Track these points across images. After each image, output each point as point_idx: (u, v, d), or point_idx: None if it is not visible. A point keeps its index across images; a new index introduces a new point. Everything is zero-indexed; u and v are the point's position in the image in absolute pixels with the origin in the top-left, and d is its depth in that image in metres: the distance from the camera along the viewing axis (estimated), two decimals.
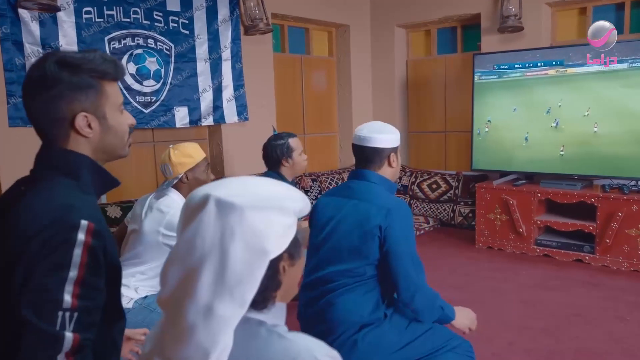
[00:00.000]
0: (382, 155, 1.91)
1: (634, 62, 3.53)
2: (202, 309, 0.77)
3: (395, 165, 1.96)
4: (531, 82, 3.99)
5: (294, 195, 0.87)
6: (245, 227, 0.79)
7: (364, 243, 1.83)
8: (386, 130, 1.95)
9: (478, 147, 4.27)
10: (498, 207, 4.02)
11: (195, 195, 0.84)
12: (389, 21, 5.26)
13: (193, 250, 0.80)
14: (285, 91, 4.93)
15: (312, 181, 4.72)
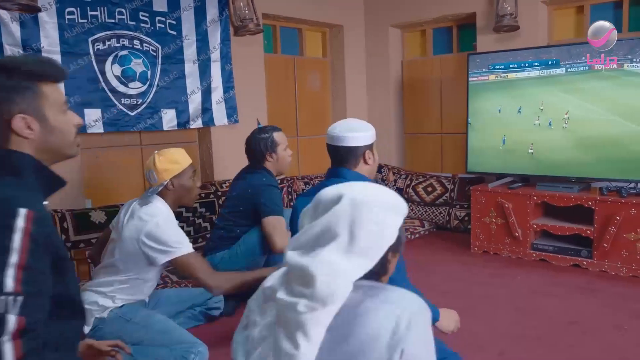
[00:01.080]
0: (357, 153, 1.86)
1: (632, 60, 3.43)
2: (326, 265, 0.97)
3: (372, 162, 1.91)
4: (526, 82, 3.89)
5: (403, 201, 1.10)
6: (372, 219, 1.00)
7: None
8: (360, 127, 1.88)
9: (473, 149, 4.17)
10: (493, 210, 3.92)
11: (329, 194, 1.05)
12: (383, 21, 5.17)
13: (327, 232, 1.00)
14: (278, 93, 4.84)
15: (304, 184, 4.63)
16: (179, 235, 2.19)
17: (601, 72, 3.60)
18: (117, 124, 3.58)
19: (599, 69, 3.61)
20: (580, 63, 3.64)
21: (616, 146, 3.53)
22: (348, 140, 1.84)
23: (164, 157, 2.32)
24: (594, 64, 3.58)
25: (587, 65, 3.64)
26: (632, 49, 3.52)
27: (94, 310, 2.17)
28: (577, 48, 3.66)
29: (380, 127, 5.33)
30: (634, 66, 3.47)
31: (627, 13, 4.05)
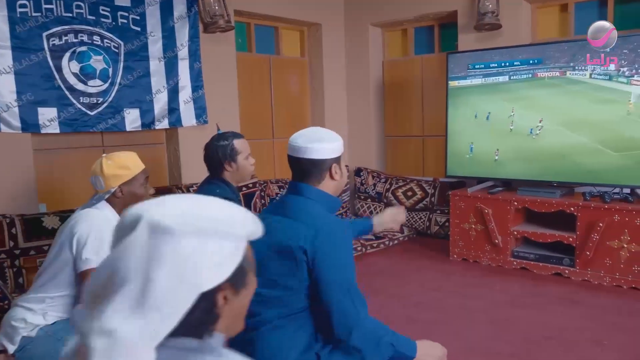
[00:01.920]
0: (322, 167, 1.62)
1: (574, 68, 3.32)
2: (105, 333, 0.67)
3: (339, 177, 1.66)
4: (507, 82, 3.73)
5: (241, 217, 0.78)
6: (178, 255, 0.70)
7: (289, 270, 1.56)
8: (326, 138, 1.64)
9: (453, 152, 4.00)
10: (473, 216, 3.75)
11: (128, 215, 0.75)
12: (363, 20, 5.00)
13: (114, 276, 0.70)
14: (253, 93, 4.66)
15: (279, 188, 4.44)
16: (101, 248, 1.97)
17: (544, 80, 3.50)
18: (74, 124, 3.38)
19: (542, 77, 3.53)
20: (564, 61, 3.48)
21: (601, 151, 3.38)
22: (312, 152, 1.60)
23: (112, 161, 2.11)
24: (565, 69, 3.43)
25: (530, 72, 3.62)
26: (575, 55, 3.41)
27: (21, 329, 1.97)
28: (560, 46, 3.50)
29: (360, 129, 5.16)
30: (576, 74, 3.38)
31: (612, 11, 3.90)
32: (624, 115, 3.27)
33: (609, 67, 3.27)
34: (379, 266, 3.78)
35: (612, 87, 3.27)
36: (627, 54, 3.23)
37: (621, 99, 3.27)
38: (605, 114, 3.38)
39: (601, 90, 3.35)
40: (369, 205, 4.91)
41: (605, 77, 3.29)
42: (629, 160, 3.24)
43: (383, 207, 4.80)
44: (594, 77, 3.33)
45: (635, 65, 3.19)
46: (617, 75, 3.26)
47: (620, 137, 3.27)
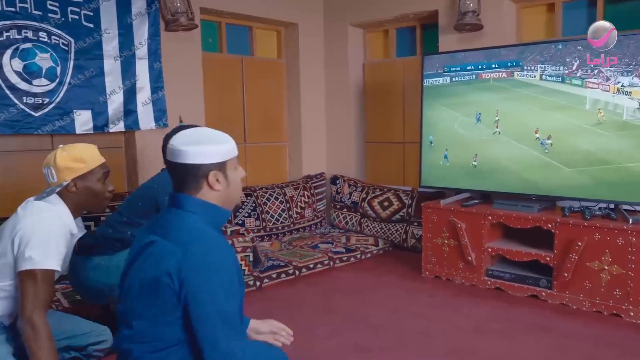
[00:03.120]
0: (197, 174, 1.39)
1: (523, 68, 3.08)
2: None
3: (221, 187, 1.43)
4: (484, 86, 3.46)
5: None
6: None
7: (156, 297, 1.32)
8: (204, 140, 1.42)
9: (428, 160, 3.73)
10: (446, 230, 3.47)
11: None
12: (342, 20, 4.76)
13: None
14: (223, 96, 4.44)
15: (245, 196, 4.20)
16: (48, 247, 1.76)
17: (489, 83, 3.25)
18: (16, 126, 3.18)
19: (487, 79, 3.28)
20: (546, 62, 3.20)
21: (583, 162, 3.09)
22: (186, 156, 1.38)
23: (67, 153, 1.90)
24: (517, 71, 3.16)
25: (473, 74, 3.42)
26: (521, 54, 3.17)
27: None
28: (541, 47, 3.22)
29: (339, 135, 4.91)
30: (524, 75, 3.14)
31: (601, 11, 3.61)
32: (588, 125, 3.03)
33: (573, 70, 3.01)
34: (342, 282, 3.52)
35: (566, 91, 3.05)
36: (581, 51, 3.00)
37: (575, 104, 3.09)
38: (558, 121, 3.16)
39: (554, 95, 3.14)
40: (345, 215, 4.65)
41: (557, 79, 3.07)
42: (603, 174, 2.98)
43: (359, 217, 4.54)
44: (544, 79, 3.11)
45: (591, 65, 2.98)
46: (571, 77, 3.05)
47: (581, 150, 3.01)
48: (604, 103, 2.97)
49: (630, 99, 2.89)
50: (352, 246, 4.11)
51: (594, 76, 3.00)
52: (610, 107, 2.97)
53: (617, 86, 2.92)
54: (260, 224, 4.23)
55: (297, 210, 4.49)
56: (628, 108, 2.92)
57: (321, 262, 3.77)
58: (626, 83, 2.89)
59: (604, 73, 2.95)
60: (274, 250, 3.99)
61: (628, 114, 2.91)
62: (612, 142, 2.97)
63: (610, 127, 2.98)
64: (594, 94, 3.01)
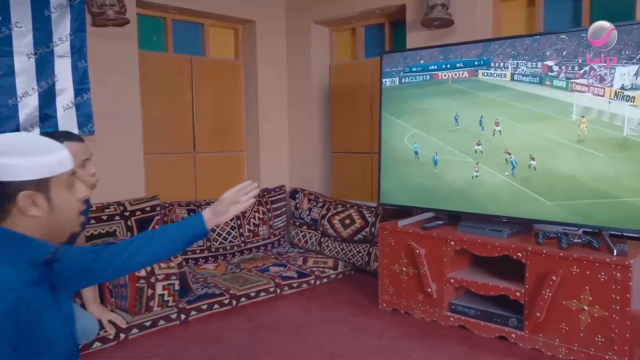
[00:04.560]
0: (3, 195, 1.04)
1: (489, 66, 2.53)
2: None
3: (41, 212, 1.07)
4: (440, 90, 2.98)
5: None
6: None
7: None
8: (14, 149, 1.05)
9: (388, 173, 3.26)
10: (404, 256, 2.99)
11: None
12: (305, 17, 4.31)
13: None
14: (169, 100, 3.99)
15: (187, 212, 3.73)
16: None
17: (447, 85, 2.79)
18: None
19: (443, 80, 2.80)
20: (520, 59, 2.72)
21: (565, 179, 2.60)
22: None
23: None
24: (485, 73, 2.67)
25: (427, 75, 2.97)
26: (488, 47, 2.69)
27: None
28: (513, 42, 2.74)
29: (302, 144, 4.45)
30: (490, 74, 2.65)
31: (588, 5, 3.13)
32: (574, 142, 2.50)
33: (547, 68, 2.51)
34: (283, 315, 3.03)
35: (544, 95, 2.54)
36: (566, 43, 2.48)
37: (557, 113, 2.53)
38: (535, 136, 2.63)
39: (529, 100, 2.60)
40: (305, 234, 4.17)
41: (533, 80, 2.56)
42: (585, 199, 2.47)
43: (319, 236, 4.07)
44: (517, 79, 2.60)
45: (579, 60, 2.43)
46: (552, 77, 2.51)
47: (565, 177, 2.50)
48: (597, 113, 2.43)
49: (634, 106, 2.26)
50: (307, 270, 3.63)
51: (583, 75, 2.45)
52: (605, 117, 2.40)
53: (615, 89, 2.34)
54: (203, 244, 3.76)
55: (249, 227, 4.02)
56: (630, 120, 2.28)
57: (266, 289, 3.29)
58: (627, 84, 2.29)
59: (596, 71, 2.42)
60: (215, 274, 3.52)
61: (630, 128, 2.29)
62: (607, 166, 2.37)
63: (604, 145, 2.37)
64: (582, 99, 2.42)
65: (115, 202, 3.37)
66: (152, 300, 2.82)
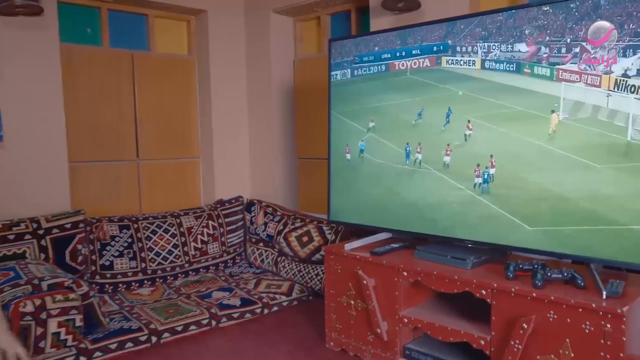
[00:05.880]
0: None
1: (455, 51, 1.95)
2: None
3: None
4: (397, 83, 2.44)
5: None
6: None
7: None
8: None
9: (338, 187, 2.73)
10: (352, 287, 2.45)
11: None
12: (262, 5, 3.81)
13: None
14: (105, 100, 3.53)
15: (119, 228, 3.25)
16: None
17: (405, 77, 2.22)
18: None
19: (401, 70, 2.25)
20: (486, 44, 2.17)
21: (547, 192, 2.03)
22: None
23: None
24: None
25: (383, 65, 2.34)
26: (452, 28, 2.15)
27: None
28: (482, 20, 2.19)
29: (264, 150, 3.95)
30: (456, 62, 2.09)
31: None
32: (563, 149, 1.92)
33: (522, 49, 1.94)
34: (206, 356, 2.52)
35: (523, 87, 1.95)
36: (550, 18, 1.91)
37: (540, 110, 1.95)
38: (511, 141, 2.05)
39: (504, 94, 2.03)
40: (261, 252, 3.66)
41: (509, 67, 1.98)
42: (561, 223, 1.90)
43: (276, 255, 3.55)
44: (488, 67, 2.02)
45: (567, 39, 1.86)
46: (532, 63, 1.94)
47: (551, 195, 1.92)
48: (592, 110, 1.86)
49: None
50: (255, 296, 3.12)
51: (572, 59, 1.88)
52: (602, 115, 1.83)
53: (616, 76, 1.77)
54: (137, 265, 3.27)
55: (196, 245, 3.53)
56: (636, 118, 1.73)
57: (197, 322, 2.79)
58: (632, 69, 1.72)
59: (590, 53, 1.85)
60: (146, 302, 3.03)
61: (637, 130, 1.73)
62: (606, 181, 1.81)
63: (602, 153, 1.81)
64: (573, 91, 1.86)
65: (28, 219, 2.92)
66: (43, 341, 2.34)
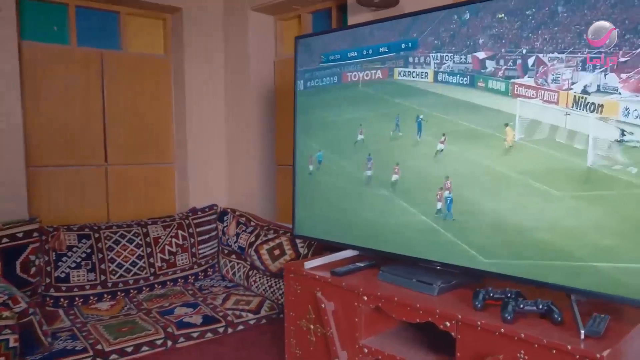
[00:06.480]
0: None
1: (407, 62, 1.70)
2: None
3: None
4: (350, 96, 2.20)
5: None
6: None
7: None
8: None
9: (305, 196, 2.50)
10: (311, 310, 2.21)
11: None
12: (240, 2, 3.61)
13: None
14: (71, 101, 3.35)
15: (77, 238, 3.05)
16: None
17: (357, 90, 2.00)
18: None
19: (353, 82, 2.02)
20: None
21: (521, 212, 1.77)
22: None
23: None
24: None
25: (335, 76, 2.10)
26: (406, 31, 1.90)
27: None
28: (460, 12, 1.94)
29: (242, 155, 3.73)
30: (408, 73, 1.84)
31: None
32: (520, 173, 1.66)
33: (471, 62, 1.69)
34: None
35: (477, 103, 1.70)
36: (505, 26, 1.67)
37: (495, 130, 1.71)
38: (466, 164, 1.81)
39: (457, 110, 1.79)
40: (233, 264, 3.44)
41: (462, 80, 1.73)
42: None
43: (247, 268, 3.32)
44: (441, 80, 1.78)
45: (522, 50, 1.61)
46: (486, 76, 1.69)
47: (508, 225, 1.66)
48: (549, 129, 1.61)
49: (602, 119, 1.48)
50: (220, 312, 2.89)
51: (528, 71, 1.64)
52: (561, 136, 1.60)
53: (575, 93, 1.55)
54: (96, 278, 3.07)
55: (163, 256, 3.32)
56: (597, 140, 1.50)
57: (151, 342, 2.57)
58: (592, 85, 1.51)
59: (547, 65, 1.61)
60: (102, 318, 2.82)
61: (598, 154, 1.50)
62: (566, 211, 1.57)
63: (561, 179, 1.57)
64: (529, 108, 1.62)
65: None
66: None
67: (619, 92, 1.42)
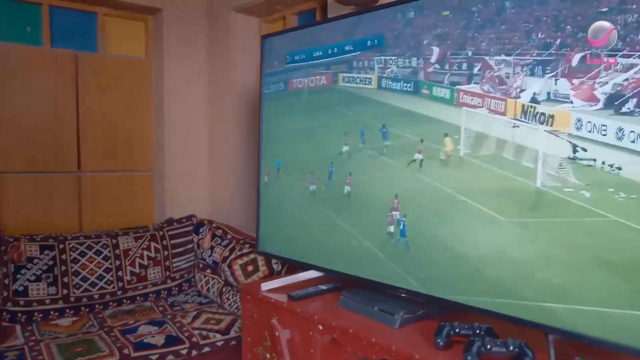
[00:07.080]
0: None
1: (351, 67, 1.47)
2: None
3: None
4: (304, 103, 1.98)
5: None
6: None
7: None
8: None
9: (268, 214, 2.28)
10: (267, 337, 1.99)
11: None
12: (223, 4, 3.44)
13: None
14: (45, 105, 3.21)
15: (39, 249, 2.89)
16: None
17: (303, 98, 1.79)
18: None
19: (299, 89, 1.81)
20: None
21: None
22: None
23: None
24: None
25: (282, 82, 1.88)
26: (352, 29, 1.69)
27: None
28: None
29: (225, 164, 3.54)
30: (352, 79, 1.64)
31: None
32: (464, 195, 1.42)
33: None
34: None
35: (421, 113, 1.47)
36: (450, 25, 1.44)
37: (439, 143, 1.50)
38: (413, 183, 1.58)
39: (402, 120, 1.57)
40: (208, 279, 3.23)
41: (406, 87, 1.51)
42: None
43: (221, 284, 3.12)
44: (385, 86, 1.56)
45: (467, 51, 1.38)
46: (430, 82, 1.48)
47: (452, 253, 1.42)
48: (496, 143, 1.37)
49: (552, 132, 1.26)
50: (186, 332, 2.68)
51: (473, 78, 1.41)
52: (507, 152, 1.36)
53: (523, 102, 1.31)
54: (57, 292, 2.89)
55: (133, 269, 3.13)
56: (548, 157, 1.28)
57: None
58: (541, 93, 1.28)
59: (494, 70, 1.37)
60: (60, 335, 2.64)
61: (547, 173, 1.28)
62: (512, 240, 1.34)
63: (506, 202, 1.34)
64: (475, 119, 1.40)
65: None
66: None
67: (571, 100, 1.18)
